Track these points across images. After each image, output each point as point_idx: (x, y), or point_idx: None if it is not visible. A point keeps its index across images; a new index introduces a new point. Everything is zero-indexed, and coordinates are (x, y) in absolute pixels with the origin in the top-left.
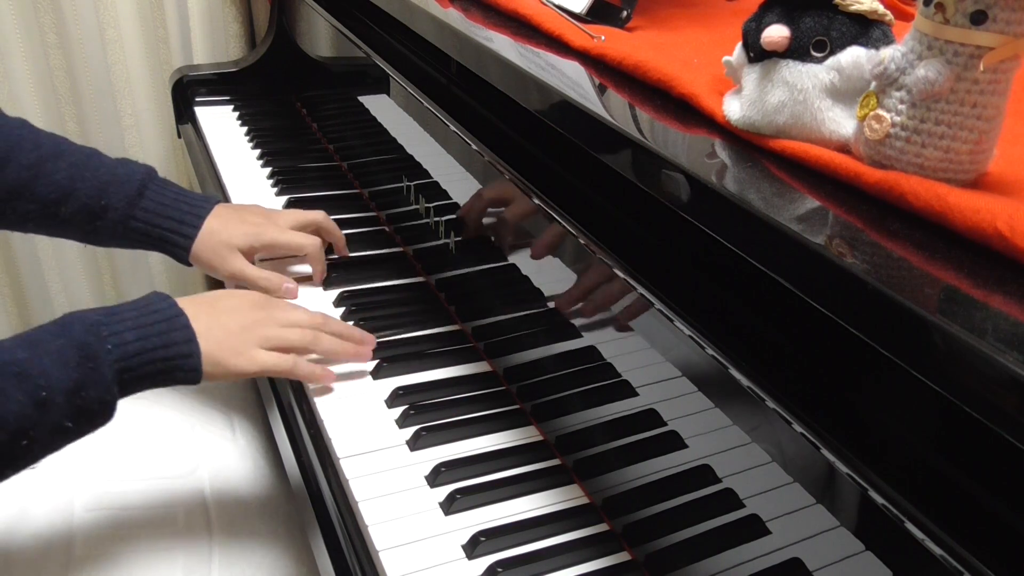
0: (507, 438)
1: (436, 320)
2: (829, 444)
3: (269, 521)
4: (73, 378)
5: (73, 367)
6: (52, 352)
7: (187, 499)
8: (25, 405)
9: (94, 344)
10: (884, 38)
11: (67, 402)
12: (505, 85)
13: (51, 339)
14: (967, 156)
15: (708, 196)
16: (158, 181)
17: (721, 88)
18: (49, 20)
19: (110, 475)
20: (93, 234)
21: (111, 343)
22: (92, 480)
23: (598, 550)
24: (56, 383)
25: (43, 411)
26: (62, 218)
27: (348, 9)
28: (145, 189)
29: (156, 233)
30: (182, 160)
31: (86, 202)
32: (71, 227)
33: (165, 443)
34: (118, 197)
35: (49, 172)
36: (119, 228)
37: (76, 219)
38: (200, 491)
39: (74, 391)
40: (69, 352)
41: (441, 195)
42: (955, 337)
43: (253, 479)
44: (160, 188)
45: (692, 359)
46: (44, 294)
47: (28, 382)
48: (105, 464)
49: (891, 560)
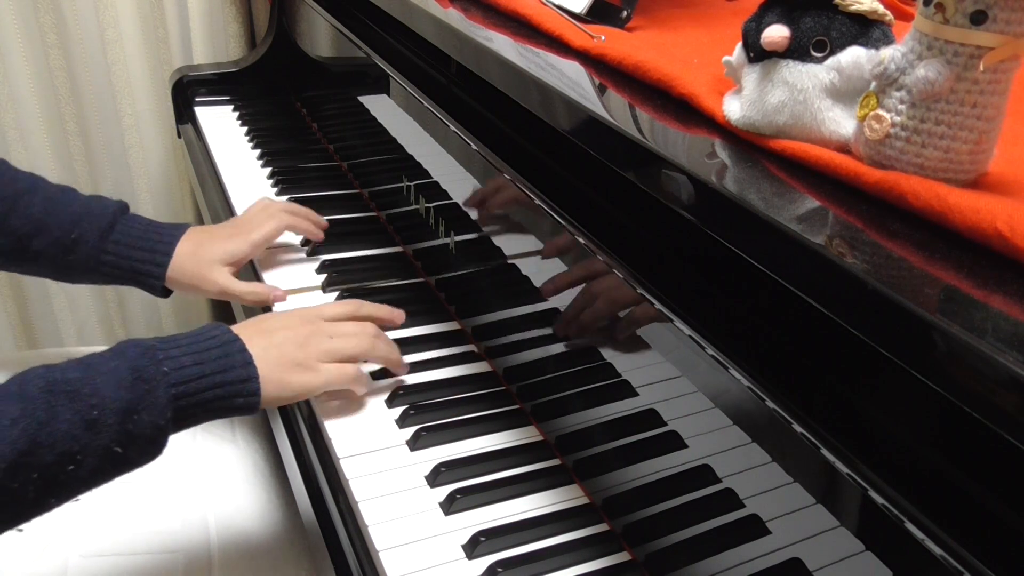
0: (507, 438)
1: (436, 320)
2: (829, 444)
3: (268, 522)
4: (127, 399)
5: (127, 388)
6: (105, 373)
7: (187, 498)
8: (75, 425)
9: (149, 367)
10: (884, 38)
11: (119, 424)
12: (505, 85)
13: (105, 361)
14: (967, 156)
15: (708, 196)
16: (129, 216)
17: (721, 88)
18: (49, 20)
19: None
20: (66, 269)
21: (167, 366)
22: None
23: (598, 550)
24: (109, 403)
25: (93, 432)
26: (34, 251)
27: (348, 9)
28: (116, 223)
29: (127, 264)
30: (182, 160)
31: (58, 236)
32: (43, 261)
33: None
34: (90, 231)
35: (24, 206)
36: (91, 262)
37: (48, 253)
38: (200, 491)
39: (127, 413)
40: (123, 373)
41: (441, 195)
42: (955, 337)
43: (253, 481)
44: (131, 221)
45: (692, 359)
46: (44, 294)
47: (80, 401)
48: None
49: (891, 560)
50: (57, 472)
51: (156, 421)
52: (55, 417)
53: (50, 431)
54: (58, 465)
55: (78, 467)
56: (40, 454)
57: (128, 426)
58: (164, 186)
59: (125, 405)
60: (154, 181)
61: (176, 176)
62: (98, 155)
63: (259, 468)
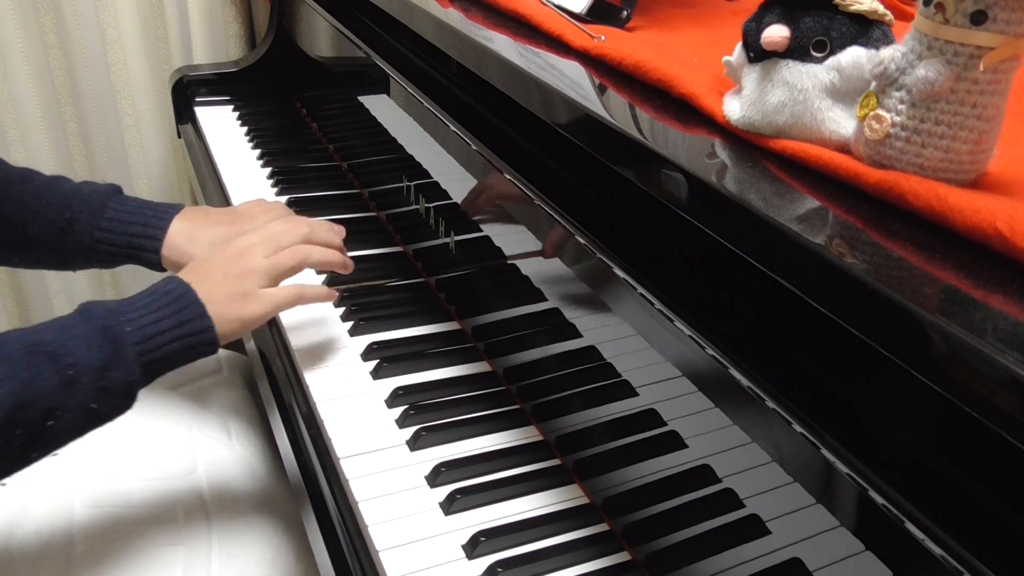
0: (507, 438)
1: (436, 320)
2: (829, 444)
3: (267, 522)
4: (99, 358)
5: (97, 348)
6: (77, 336)
7: (186, 499)
8: (55, 384)
9: (114, 327)
10: (884, 38)
11: (93, 382)
12: (505, 85)
13: (74, 324)
14: (967, 156)
15: (708, 196)
16: (122, 195)
17: (721, 88)
18: (49, 20)
19: (110, 476)
20: (63, 252)
21: (129, 327)
22: (92, 479)
23: (598, 550)
24: (83, 362)
25: (71, 390)
26: (30, 236)
27: (348, 9)
28: (108, 201)
29: (123, 241)
30: (182, 160)
31: (51, 218)
32: (40, 247)
33: (162, 450)
34: (82, 211)
35: (16, 193)
36: (85, 240)
37: (44, 237)
38: (199, 492)
39: (100, 371)
40: (93, 335)
41: (441, 195)
42: (955, 337)
43: (250, 482)
44: (124, 200)
45: (692, 359)
46: (44, 294)
47: (56, 361)
48: (104, 467)
49: (891, 560)
50: (39, 428)
51: (126, 377)
52: (37, 376)
53: (33, 390)
54: (40, 421)
55: (58, 422)
56: (25, 412)
57: (102, 383)
58: (164, 186)
59: (98, 364)
60: (154, 181)
61: (176, 176)
62: (98, 155)
63: (255, 469)
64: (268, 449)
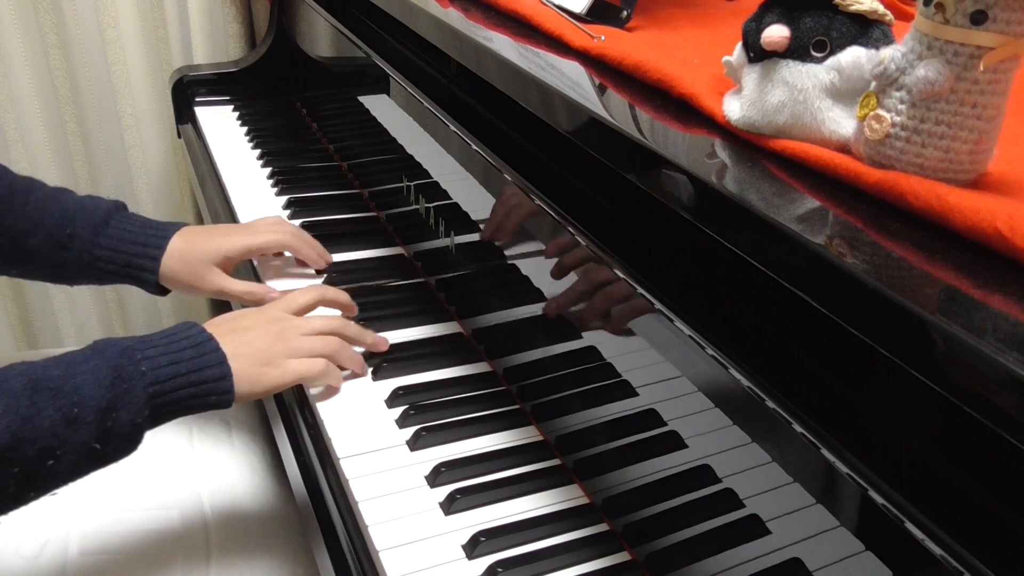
0: (507, 438)
1: (436, 320)
2: (829, 444)
3: (267, 522)
4: (106, 398)
5: (106, 387)
6: (86, 372)
7: (184, 502)
8: (57, 422)
9: (128, 366)
10: (884, 38)
11: (98, 422)
12: (505, 85)
13: (85, 360)
14: (967, 156)
15: (708, 196)
16: (125, 212)
17: (721, 88)
18: (49, 20)
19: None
20: (61, 267)
21: (145, 366)
22: (89, 502)
23: (598, 550)
24: (89, 401)
25: (73, 429)
26: (30, 249)
27: (348, 9)
28: (110, 219)
29: (121, 259)
30: (182, 160)
31: (52, 232)
32: (39, 260)
33: (161, 452)
34: (84, 227)
35: (20, 204)
36: (85, 256)
37: (43, 251)
38: (198, 494)
39: (106, 411)
40: (103, 373)
41: (441, 195)
42: (955, 337)
43: (250, 483)
44: (125, 217)
45: (692, 359)
46: (44, 294)
47: (61, 399)
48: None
49: (891, 560)
50: (37, 467)
51: (134, 419)
52: (38, 413)
53: (32, 427)
54: (38, 460)
55: (57, 462)
56: (22, 449)
57: (107, 424)
58: (164, 186)
59: (105, 404)
60: (154, 181)
61: (176, 176)
62: (98, 155)
63: (256, 470)
64: (268, 449)
